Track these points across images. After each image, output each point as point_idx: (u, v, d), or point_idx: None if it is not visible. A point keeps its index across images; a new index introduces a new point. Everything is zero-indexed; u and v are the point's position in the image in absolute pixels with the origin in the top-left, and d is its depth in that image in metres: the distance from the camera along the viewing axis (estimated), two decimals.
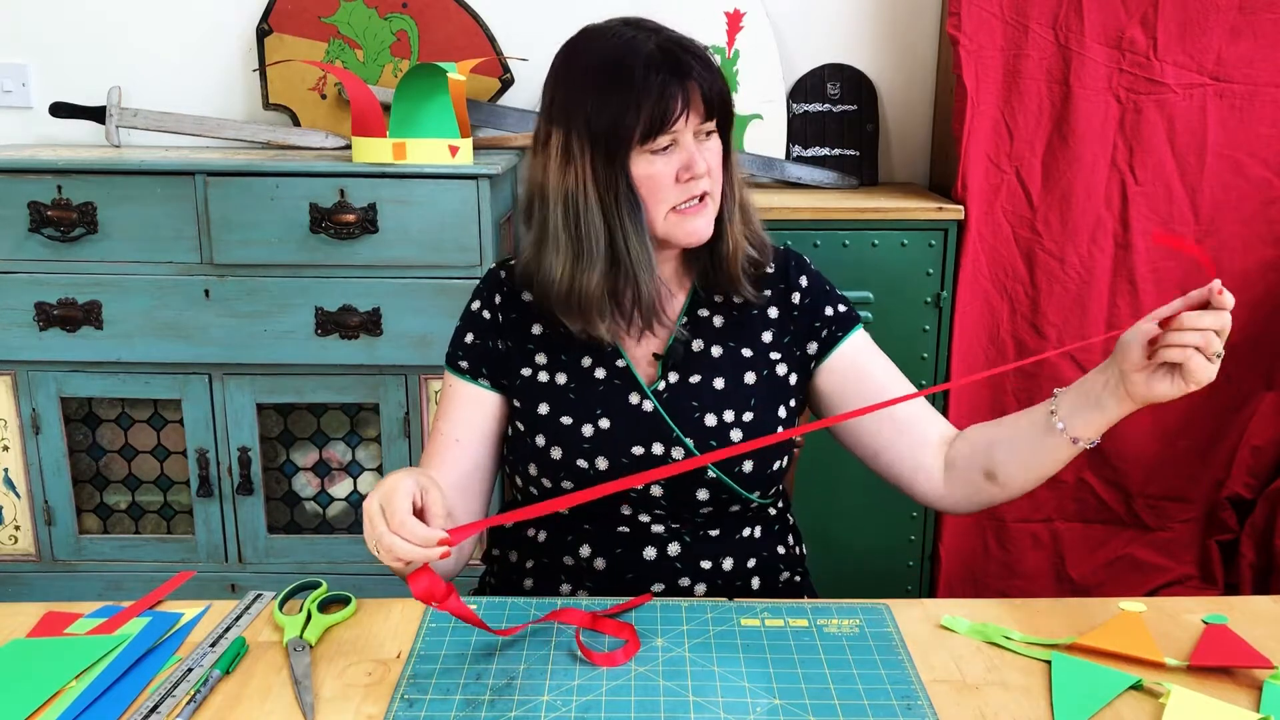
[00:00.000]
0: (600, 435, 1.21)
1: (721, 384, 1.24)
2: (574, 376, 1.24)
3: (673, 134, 1.14)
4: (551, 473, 1.22)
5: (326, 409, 2.24)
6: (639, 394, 1.22)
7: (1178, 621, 1.10)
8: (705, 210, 1.19)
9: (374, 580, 2.23)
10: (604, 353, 1.24)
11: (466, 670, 0.99)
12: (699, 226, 1.19)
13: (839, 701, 0.95)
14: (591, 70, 1.16)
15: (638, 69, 1.12)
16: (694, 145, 1.16)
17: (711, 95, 1.15)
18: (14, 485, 2.21)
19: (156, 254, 2.08)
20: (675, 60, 1.13)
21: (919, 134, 2.51)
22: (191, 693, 0.95)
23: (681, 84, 1.13)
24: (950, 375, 2.23)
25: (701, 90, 1.14)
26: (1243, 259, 2.21)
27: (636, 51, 1.13)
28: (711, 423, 1.22)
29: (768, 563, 1.29)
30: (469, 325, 1.29)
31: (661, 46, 1.14)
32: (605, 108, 1.13)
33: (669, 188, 1.16)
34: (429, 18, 2.38)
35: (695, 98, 1.14)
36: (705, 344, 1.25)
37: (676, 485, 1.21)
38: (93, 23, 2.45)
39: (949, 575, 2.35)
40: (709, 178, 1.17)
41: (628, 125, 1.12)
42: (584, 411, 1.22)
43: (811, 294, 1.29)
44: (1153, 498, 2.34)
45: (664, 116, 1.12)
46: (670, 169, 1.15)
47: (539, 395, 1.23)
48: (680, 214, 1.18)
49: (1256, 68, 2.13)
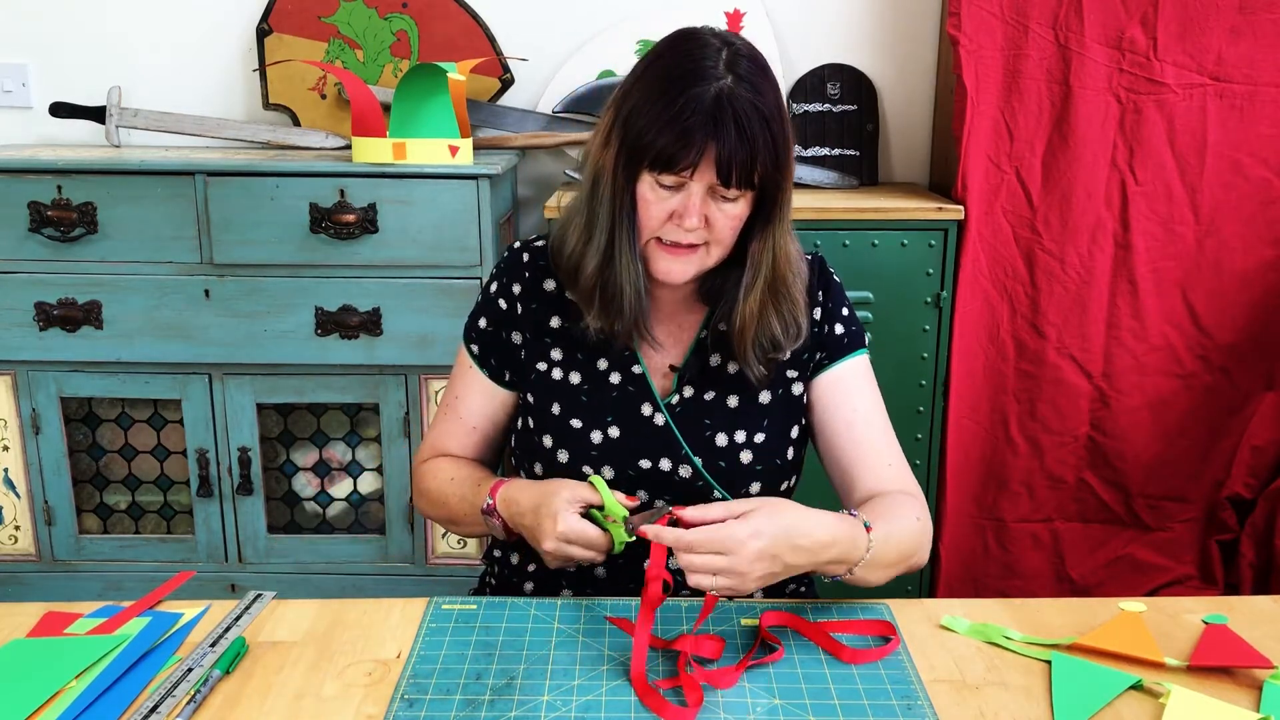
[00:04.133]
0: (609, 444, 1.20)
1: (736, 402, 1.22)
2: (588, 378, 1.23)
3: (680, 178, 1.11)
4: (556, 475, 1.21)
5: (326, 409, 2.24)
6: (652, 405, 1.21)
7: (1178, 621, 1.09)
8: (688, 258, 1.15)
9: (374, 580, 2.24)
10: (620, 358, 1.23)
11: (466, 670, 0.99)
12: (671, 269, 1.16)
13: (839, 701, 0.95)
14: (658, 76, 1.13)
15: (685, 102, 1.09)
16: (701, 198, 1.12)
17: (732, 165, 1.09)
18: (14, 485, 2.21)
19: (156, 254, 2.08)
20: (715, 116, 1.08)
21: (919, 134, 2.51)
22: (191, 693, 0.95)
23: (704, 141, 1.08)
24: (950, 375, 2.23)
25: (720, 157, 1.09)
26: (1243, 259, 2.21)
27: (698, 84, 1.10)
28: (722, 442, 1.21)
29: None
30: (484, 308, 1.28)
31: (720, 94, 1.09)
32: (641, 117, 1.12)
33: (658, 219, 1.14)
34: (429, 18, 2.38)
35: (708, 160, 1.09)
36: (723, 360, 1.23)
37: (681, 503, 1.18)
38: (93, 23, 2.45)
39: (949, 575, 2.35)
40: (706, 231, 1.14)
41: (647, 144, 1.11)
42: (594, 417, 1.21)
43: (827, 310, 1.27)
44: (1153, 498, 2.34)
45: (670, 160, 1.10)
46: (665, 205, 1.13)
47: (551, 393, 1.23)
48: (660, 248, 1.16)
49: (1257, 68, 2.13)
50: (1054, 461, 2.31)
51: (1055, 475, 2.32)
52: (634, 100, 1.13)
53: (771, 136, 1.10)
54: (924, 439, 2.26)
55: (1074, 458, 2.31)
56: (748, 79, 1.11)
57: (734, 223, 1.14)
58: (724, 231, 1.14)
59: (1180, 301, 2.23)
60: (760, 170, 1.10)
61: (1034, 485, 2.32)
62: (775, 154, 1.11)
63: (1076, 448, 2.30)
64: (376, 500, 2.27)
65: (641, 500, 1.19)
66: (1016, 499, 2.33)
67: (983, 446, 2.31)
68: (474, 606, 1.10)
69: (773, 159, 1.11)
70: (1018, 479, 2.32)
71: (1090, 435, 2.30)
